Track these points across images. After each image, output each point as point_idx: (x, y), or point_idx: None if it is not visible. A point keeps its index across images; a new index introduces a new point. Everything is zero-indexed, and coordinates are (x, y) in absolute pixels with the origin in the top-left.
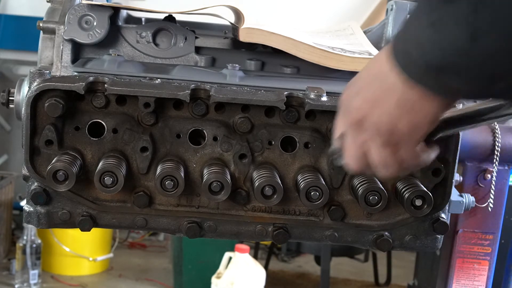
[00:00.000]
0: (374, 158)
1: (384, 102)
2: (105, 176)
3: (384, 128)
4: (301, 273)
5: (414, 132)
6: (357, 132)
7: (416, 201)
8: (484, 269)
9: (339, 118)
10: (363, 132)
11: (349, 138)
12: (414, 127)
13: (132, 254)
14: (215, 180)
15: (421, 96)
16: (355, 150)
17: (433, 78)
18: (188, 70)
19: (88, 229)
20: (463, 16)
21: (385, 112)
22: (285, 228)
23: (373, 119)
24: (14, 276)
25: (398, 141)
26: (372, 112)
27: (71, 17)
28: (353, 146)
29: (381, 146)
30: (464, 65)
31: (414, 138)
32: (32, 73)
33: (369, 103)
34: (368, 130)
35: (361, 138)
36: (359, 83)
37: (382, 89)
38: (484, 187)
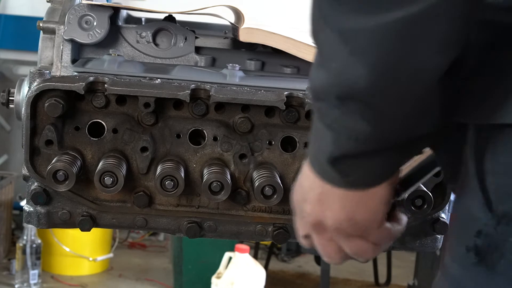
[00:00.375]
0: (348, 251)
1: (332, 203)
2: (105, 176)
3: (344, 224)
4: (301, 273)
5: (373, 217)
6: (321, 233)
7: (416, 201)
8: None
9: (298, 221)
10: (326, 232)
11: (316, 239)
12: (370, 213)
13: (132, 254)
14: (215, 180)
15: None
16: (328, 249)
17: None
18: (188, 70)
19: (88, 229)
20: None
21: (336, 210)
22: (285, 228)
23: (329, 220)
24: (14, 276)
25: (362, 231)
26: (325, 214)
27: (71, 17)
28: (324, 246)
29: (348, 240)
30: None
31: (376, 222)
32: (32, 73)
33: (318, 207)
34: (329, 230)
35: (326, 237)
36: (302, 188)
37: (323, 192)
38: None
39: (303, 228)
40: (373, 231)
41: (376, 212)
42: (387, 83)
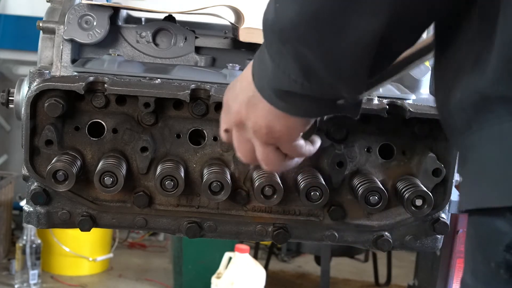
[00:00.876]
0: (258, 155)
1: (258, 109)
2: (105, 176)
3: (262, 130)
4: (301, 273)
5: (289, 133)
6: (240, 131)
7: (417, 201)
8: None
9: (222, 116)
10: (245, 131)
11: (234, 135)
12: (288, 130)
13: (132, 254)
14: (215, 180)
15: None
16: (242, 146)
17: (280, 102)
18: (188, 70)
19: (88, 229)
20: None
21: (259, 117)
22: (285, 228)
23: (250, 122)
24: (14, 276)
25: (276, 141)
26: (249, 116)
27: (71, 17)
28: (240, 143)
29: (262, 144)
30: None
31: (291, 137)
32: (32, 73)
33: (245, 108)
34: (248, 130)
35: (244, 136)
36: (238, 87)
37: (254, 96)
38: None
39: (226, 122)
40: (286, 144)
41: (293, 129)
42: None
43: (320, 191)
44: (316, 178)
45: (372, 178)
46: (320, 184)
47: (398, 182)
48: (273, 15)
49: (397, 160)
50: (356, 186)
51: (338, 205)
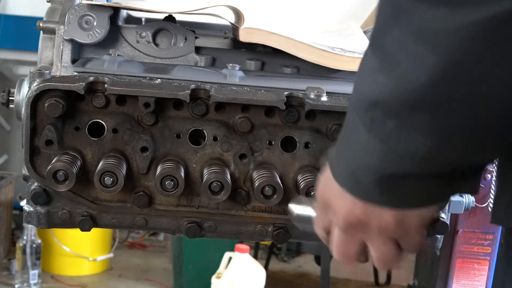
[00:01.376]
0: (375, 254)
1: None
2: (105, 176)
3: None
4: (301, 273)
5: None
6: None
7: None
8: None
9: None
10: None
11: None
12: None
13: (132, 254)
14: (215, 180)
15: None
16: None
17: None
18: (188, 70)
19: (88, 229)
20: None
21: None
22: (285, 228)
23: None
24: (14, 276)
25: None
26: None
27: (71, 17)
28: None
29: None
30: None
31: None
32: (32, 73)
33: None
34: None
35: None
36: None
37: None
38: (484, 187)
39: (325, 223)
40: (412, 237)
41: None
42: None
43: None
44: (316, 178)
45: None
46: None
47: None
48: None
49: None
50: None
51: None
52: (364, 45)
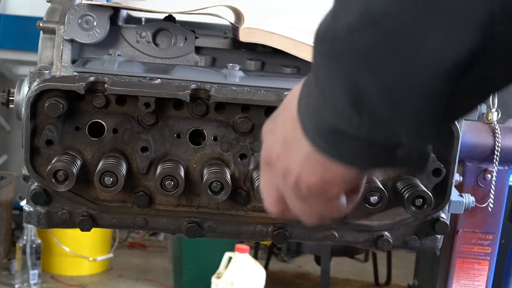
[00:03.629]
0: (291, 206)
1: (294, 150)
2: (105, 176)
3: (291, 177)
4: (301, 273)
5: (326, 189)
6: (269, 172)
7: (416, 201)
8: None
9: (261, 172)
10: (274, 174)
11: (262, 176)
12: (324, 184)
13: (132, 254)
14: (215, 180)
15: (325, 159)
16: (270, 192)
17: (323, 143)
18: (188, 70)
19: (88, 229)
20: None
21: (293, 160)
22: (285, 228)
23: (281, 165)
24: (14, 276)
25: (308, 195)
26: (281, 157)
27: (71, 17)
28: (267, 187)
29: (293, 197)
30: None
31: (327, 195)
32: (32, 73)
33: (281, 147)
34: (278, 174)
35: (273, 180)
36: (279, 117)
37: (293, 135)
38: (484, 187)
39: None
40: (318, 202)
41: (330, 185)
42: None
43: None
44: None
45: (372, 178)
46: None
47: (398, 182)
48: (327, 23)
49: None
50: None
51: None
52: None
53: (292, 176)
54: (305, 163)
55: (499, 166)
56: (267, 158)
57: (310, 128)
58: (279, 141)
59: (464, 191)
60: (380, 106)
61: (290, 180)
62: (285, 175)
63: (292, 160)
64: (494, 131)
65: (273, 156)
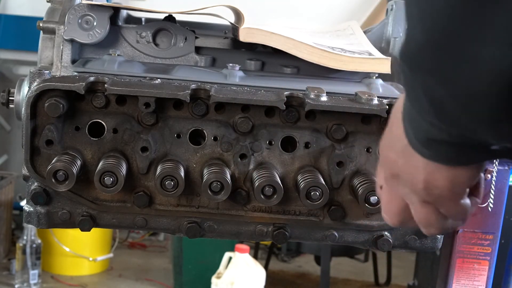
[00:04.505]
0: (415, 215)
1: (414, 159)
2: (105, 176)
3: (418, 185)
4: (301, 273)
5: (452, 188)
6: (395, 185)
7: None
8: (484, 269)
9: (379, 169)
10: (400, 186)
11: (385, 189)
12: (450, 184)
13: (132, 254)
14: (215, 180)
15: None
16: (393, 203)
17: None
18: (188, 70)
19: (88, 229)
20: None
21: (415, 167)
22: (285, 228)
23: (405, 175)
24: (14, 276)
25: (436, 198)
26: (403, 168)
27: (71, 17)
28: (390, 199)
29: (419, 203)
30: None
31: (454, 194)
32: (32, 73)
33: (402, 158)
34: (405, 185)
35: (398, 192)
36: (393, 132)
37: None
38: (484, 187)
39: (381, 176)
40: (448, 203)
41: (457, 185)
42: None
43: (320, 191)
44: (316, 178)
45: (372, 178)
46: (320, 184)
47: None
48: (403, 42)
49: None
50: (356, 186)
51: (338, 205)
52: (364, 45)
53: (419, 183)
54: (428, 170)
55: (499, 166)
56: (393, 171)
57: (413, 140)
58: (399, 154)
59: None
60: (456, 111)
61: (418, 187)
62: (413, 183)
63: (415, 168)
64: None
65: (399, 168)
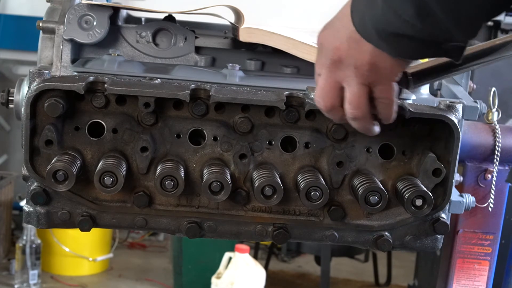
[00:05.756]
0: (348, 95)
1: (362, 45)
2: (105, 176)
3: (364, 67)
4: (301, 273)
5: (392, 72)
6: (335, 70)
7: (417, 201)
8: (484, 269)
9: (317, 58)
10: (341, 70)
11: (324, 75)
12: (391, 68)
13: (132, 254)
14: (215, 180)
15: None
16: (329, 87)
17: (383, 42)
18: (188, 70)
19: (88, 229)
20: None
21: (363, 53)
22: (285, 228)
23: (352, 59)
24: (14, 276)
25: (376, 79)
26: (350, 53)
27: (71, 17)
28: (327, 83)
29: (358, 84)
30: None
31: (391, 77)
32: (31, 73)
33: (347, 44)
34: (347, 68)
35: (338, 75)
36: (336, 24)
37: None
38: (484, 187)
39: (321, 64)
40: (384, 84)
41: (395, 68)
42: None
43: (320, 191)
44: (316, 178)
45: (372, 178)
46: (320, 184)
47: (398, 182)
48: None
49: (397, 160)
50: (356, 186)
51: (338, 205)
52: None
53: (365, 65)
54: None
55: (499, 166)
56: (337, 56)
57: (370, 31)
58: (345, 40)
59: (465, 191)
60: (441, 14)
61: (363, 69)
62: (358, 66)
63: (363, 53)
64: (494, 131)
65: (342, 53)
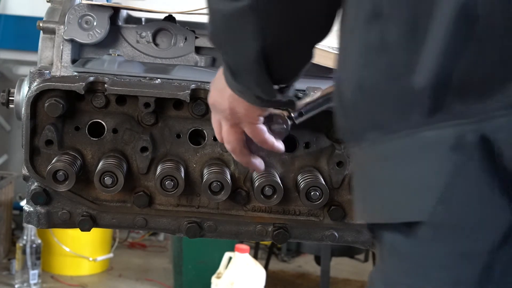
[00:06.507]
0: (223, 134)
1: (224, 93)
2: (105, 176)
3: (226, 111)
4: (301, 273)
5: (248, 115)
6: (214, 113)
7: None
8: None
9: None
10: (216, 113)
11: (212, 117)
12: (246, 112)
13: (132, 254)
14: (215, 180)
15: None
16: (215, 124)
17: (238, 85)
18: (188, 70)
19: (88, 229)
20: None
21: (225, 99)
22: (285, 228)
23: (219, 105)
24: (14, 276)
25: (239, 121)
26: (218, 100)
27: (71, 17)
28: (214, 121)
29: (229, 125)
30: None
31: (251, 119)
32: (32, 73)
33: (217, 92)
34: (217, 112)
35: (216, 117)
36: (217, 75)
37: (222, 83)
38: None
39: None
40: (248, 126)
41: (251, 112)
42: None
43: (320, 191)
44: (316, 178)
45: None
46: (320, 184)
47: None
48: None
49: None
50: None
51: (338, 205)
52: None
53: (226, 110)
54: (231, 100)
55: None
56: (211, 102)
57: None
58: (217, 89)
59: None
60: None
61: (226, 113)
62: (222, 110)
63: (225, 99)
64: None
65: (215, 99)
